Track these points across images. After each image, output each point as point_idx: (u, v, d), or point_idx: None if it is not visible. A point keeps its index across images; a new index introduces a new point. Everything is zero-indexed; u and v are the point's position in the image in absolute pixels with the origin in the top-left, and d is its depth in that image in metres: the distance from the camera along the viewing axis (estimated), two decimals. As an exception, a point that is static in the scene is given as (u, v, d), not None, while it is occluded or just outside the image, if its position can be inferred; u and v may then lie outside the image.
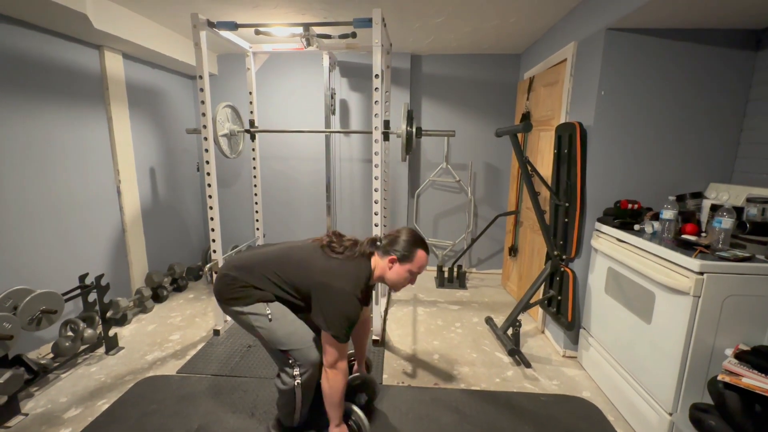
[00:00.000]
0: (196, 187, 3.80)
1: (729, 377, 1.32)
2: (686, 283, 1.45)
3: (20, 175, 2.13)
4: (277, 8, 2.46)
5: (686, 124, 2.03)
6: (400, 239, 1.52)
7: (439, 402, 1.91)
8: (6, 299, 1.85)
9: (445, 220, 3.80)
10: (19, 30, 2.10)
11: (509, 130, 2.08)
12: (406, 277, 1.51)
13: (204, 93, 2.27)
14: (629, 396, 1.79)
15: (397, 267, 1.50)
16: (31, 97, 2.18)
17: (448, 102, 3.59)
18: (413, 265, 1.50)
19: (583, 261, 2.23)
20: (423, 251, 1.52)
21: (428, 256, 1.55)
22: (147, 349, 2.37)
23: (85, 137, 2.53)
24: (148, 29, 2.69)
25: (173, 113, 3.42)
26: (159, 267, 3.24)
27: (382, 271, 1.51)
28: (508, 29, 2.78)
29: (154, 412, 1.80)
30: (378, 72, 2.10)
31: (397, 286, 1.53)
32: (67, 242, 2.42)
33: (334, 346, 1.39)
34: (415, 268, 1.51)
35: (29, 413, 1.79)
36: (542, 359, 2.32)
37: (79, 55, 2.46)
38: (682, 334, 1.49)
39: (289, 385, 1.47)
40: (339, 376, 1.42)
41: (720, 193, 1.92)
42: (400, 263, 1.50)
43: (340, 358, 1.41)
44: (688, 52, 1.96)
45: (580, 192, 2.16)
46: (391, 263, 1.50)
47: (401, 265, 1.50)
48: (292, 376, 1.46)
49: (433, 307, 3.05)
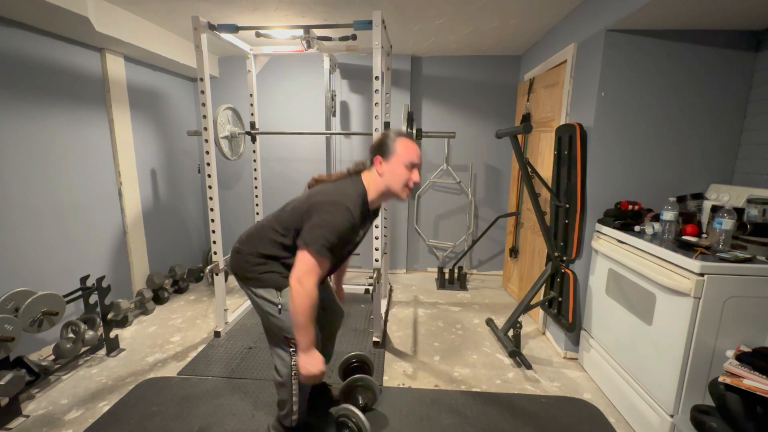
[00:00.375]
0: (197, 188, 3.81)
1: (730, 379, 1.31)
2: (687, 285, 1.45)
3: (22, 177, 2.14)
4: (278, 11, 2.47)
5: (687, 125, 2.03)
6: (377, 143, 1.39)
7: (440, 404, 1.91)
8: (8, 301, 1.86)
9: (445, 221, 3.80)
10: (22, 33, 2.11)
11: (509, 132, 2.08)
12: (402, 172, 1.33)
13: (205, 95, 2.28)
14: (630, 398, 1.79)
15: (387, 166, 1.34)
16: (33, 100, 2.19)
17: (449, 103, 3.60)
18: (401, 154, 1.33)
19: (583, 262, 2.23)
20: (404, 138, 1.36)
21: (410, 141, 1.37)
22: (148, 350, 2.37)
23: (87, 139, 2.54)
24: (149, 32, 2.70)
25: (174, 115, 3.43)
26: (160, 268, 3.24)
27: (377, 183, 1.36)
28: (508, 31, 2.78)
29: (155, 413, 1.80)
30: (378, 74, 2.10)
31: (397, 187, 1.34)
32: (69, 244, 2.43)
33: (305, 257, 1.23)
34: (405, 157, 1.33)
35: (30, 415, 1.79)
36: (543, 361, 2.32)
37: (81, 58, 2.48)
38: (683, 335, 1.48)
39: (284, 376, 1.47)
40: (302, 294, 1.22)
41: (721, 194, 1.91)
42: (386, 161, 1.34)
43: (308, 274, 1.23)
44: (688, 53, 1.96)
45: (581, 193, 2.15)
46: (379, 165, 1.36)
47: (389, 162, 1.34)
48: (289, 366, 1.45)
49: (434, 309, 3.05)
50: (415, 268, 3.96)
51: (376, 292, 2.33)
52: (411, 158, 1.33)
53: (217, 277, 2.48)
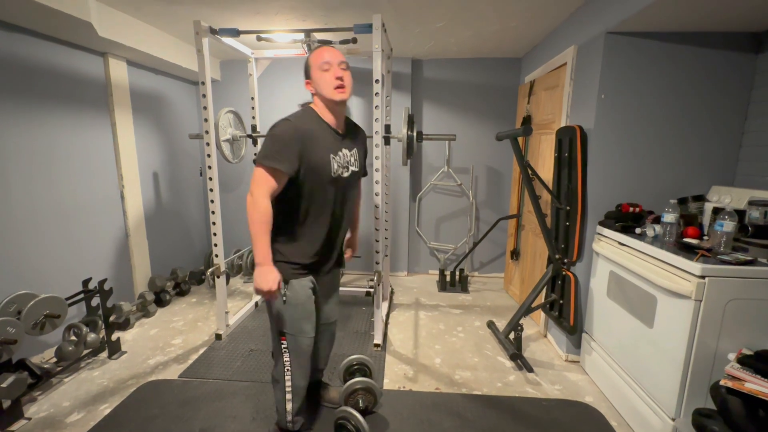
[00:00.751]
0: (198, 191, 3.82)
1: (732, 382, 1.30)
2: (688, 287, 1.45)
3: (25, 180, 2.16)
4: (279, 15, 2.49)
5: (687, 126, 2.03)
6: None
7: (441, 407, 1.90)
8: (10, 304, 1.87)
9: (446, 223, 3.80)
10: (25, 38, 2.13)
11: (510, 134, 2.08)
12: (321, 76, 1.38)
13: (206, 99, 2.29)
14: (632, 401, 1.78)
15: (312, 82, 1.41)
16: (37, 104, 2.21)
17: (449, 106, 3.60)
18: (314, 64, 1.39)
19: (584, 265, 2.22)
20: (315, 50, 1.42)
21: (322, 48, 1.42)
22: (149, 353, 2.38)
23: (90, 143, 2.56)
24: (151, 36, 2.72)
25: (176, 119, 3.45)
26: (162, 271, 3.25)
27: (316, 100, 1.43)
28: (508, 33, 2.79)
29: (156, 416, 1.81)
30: (378, 77, 2.11)
31: (326, 91, 1.38)
32: (71, 247, 2.44)
33: (254, 171, 1.31)
34: (316, 62, 1.38)
35: (32, 417, 1.80)
36: (544, 364, 2.31)
37: (83, 63, 2.50)
38: (684, 338, 1.48)
39: (278, 373, 1.49)
40: (251, 205, 1.28)
41: (722, 196, 1.91)
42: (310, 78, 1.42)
43: (257, 186, 1.29)
44: (688, 55, 1.96)
45: (581, 195, 2.15)
46: (308, 86, 1.44)
47: (312, 77, 1.41)
48: (282, 364, 1.47)
49: (435, 311, 3.04)
50: (416, 271, 3.95)
51: (377, 294, 2.33)
52: (322, 59, 1.37)
53: (218, 280, 2.49)
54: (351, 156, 1.47)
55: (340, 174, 1.42)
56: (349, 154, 1.46)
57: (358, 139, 1.57)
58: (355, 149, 1.51)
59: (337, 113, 1.44)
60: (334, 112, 1.43)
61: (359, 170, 1.53)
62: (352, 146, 1.49)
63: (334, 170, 1.40)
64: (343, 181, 1.45)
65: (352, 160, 1.48)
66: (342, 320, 2.81)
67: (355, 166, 1.49)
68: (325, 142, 1.39)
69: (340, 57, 1.40)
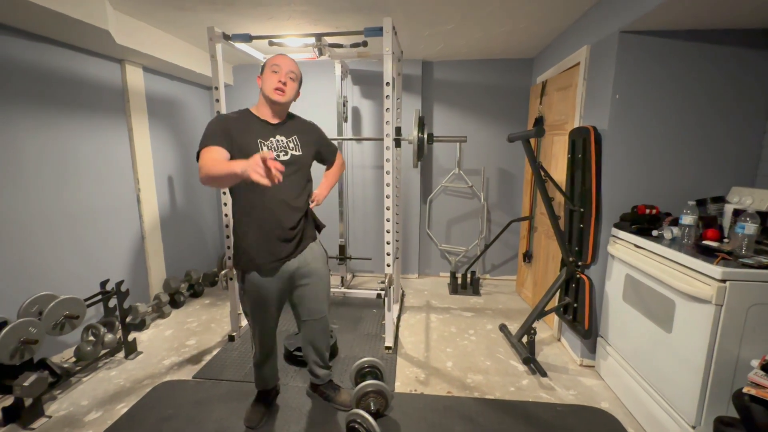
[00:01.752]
0: (211, 194, 3.88)
1: (755, 390, 1.26)
2: (708, 291, 1.41)
3: (45, 184, 2.22)
4: (290, 20, 2.52)
5: (705, 126, 1.98)
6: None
7: (452, 410, 1.89)
8: (32, 305, 1.93)
9: (457, 225, 3.78)
10: (46, 47, 2.20)
11: (522, 136, 2.06)
12: (268, 77, 1.55)
13: (220, 103, 2.33)
14: (650, 407, 1.74)
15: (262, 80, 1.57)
16: (56, 110, 2.28)
17: (460, 108, 3.59)
18: (267, 66, 1.57)
19: (599, 267, 2.18)
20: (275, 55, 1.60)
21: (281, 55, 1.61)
22: (164, 353, 2.42)
23: (107, 148, 2.62)
24: (166, 43, 2.79)
25: (190, 123, 3.51)
26: (176, 273, 3.31)
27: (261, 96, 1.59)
28: (519, 34, 2.77)
29: (171, 416, 1.84)
30: (389, 79, 2.12)
31: (267, 89, 1.54)
32: (89, 249, 2.50)
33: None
34: (269, 65, 1.56)
35: (52, 415, 1.85)
36: (558, 368, 2.27)
37: (101, 69, 2.57)
38: (704, 343, 1.44)
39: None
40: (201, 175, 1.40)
41: (743, 198, 1.85)
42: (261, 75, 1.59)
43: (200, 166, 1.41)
44: (705, 53, 1.91)
45: (596, 197, 2.12)
46: (258, 81, 1.60)
47: (263, 76, 1.57)
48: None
49: (446, 314, 3.02)
50: (427, 273, 3.94)
51: (388, 296, 2.33)
52: (273, 63, 1.55)
53: (231, 282, 2.52)
54: (289, 141, 1.61)
55: (276, 156, 1.55)
56: (285, 140, 1.60)
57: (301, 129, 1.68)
58: (295, 136, 1.63)
59: (273, 109, 1.60)
60: (271, 108, 1.59)
61: (302, 154, 1.63)
62: (290, 134, 1.62)
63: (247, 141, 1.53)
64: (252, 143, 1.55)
65: (291, 145, 1.61)
66: (353, 323, 2.82)
67: (296, 150, 1.62)
68: (253, 130, 1.56)
69: (292, 67, 1.58)
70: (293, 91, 1.59)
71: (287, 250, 1.60)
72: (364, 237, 3.83)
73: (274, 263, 1.58)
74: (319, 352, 1.85)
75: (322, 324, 1.79)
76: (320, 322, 1.78)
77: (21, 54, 2.08)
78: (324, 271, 1.74)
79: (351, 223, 3.81)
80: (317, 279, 1.71)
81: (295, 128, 1.66)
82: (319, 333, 1.80)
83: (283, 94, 1.55)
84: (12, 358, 1.71)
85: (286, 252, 1.60)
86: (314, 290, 1.71)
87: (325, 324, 1.80)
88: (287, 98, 1.57)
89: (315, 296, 1.72)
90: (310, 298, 1.71)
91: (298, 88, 1.62)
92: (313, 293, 1.71)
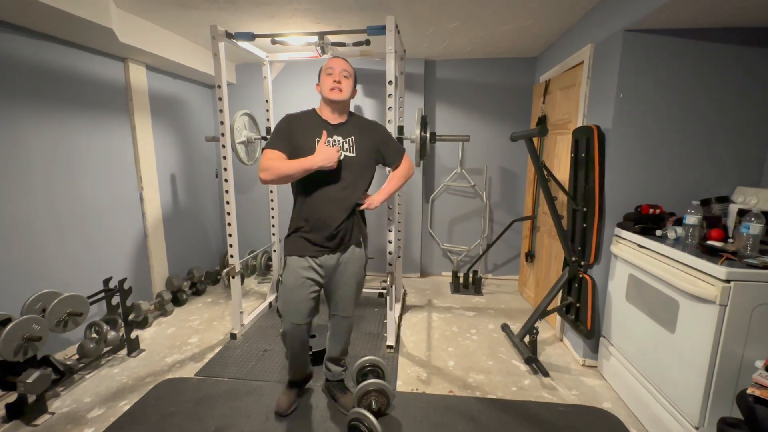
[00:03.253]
0: (214, 193, 3.89)
1: (759, 391, 1.25)
2: (712, 292, 1.40)
3: (48, 182, 2.23)
4: (293, 18, 2.51)
5: (710, 125, 1.96)
6: None
7: (454, 410, 1.89)
8: (35, 302, 1.94)
9: (460, 225, 3.77)
10: (50, 45, 2.21)
11: (524, 135, 2.05)
12: (324, 79, 1.65)
13: (222, 102, 2.33)
14: (653, 408, 1.73)
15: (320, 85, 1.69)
16: (60, 109, 2.28)
17: (463, 107, 3.58)
18: (322, 71, 1.68)
19: (602, 267, 2.17)
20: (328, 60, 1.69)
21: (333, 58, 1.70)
22: (167, 351, 2.43)
23: (110, 146, 2.63)
24: (169, 41, 2.79)
25: (193, 121, 3.52)
26: (179, 271, 3.32)
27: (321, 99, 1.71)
28: (522, 33, 2.76)
29: (173, 414, 1.84)
30: (391, 78, 2.11)
31: (325, 91, 1.65)
32: (92, 247, 2.51)
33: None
34: (324, 70, 1.66)
35: (56, 412, 1.85)
36: (561, 368, 2.26)
37: (105, 68, 2.57)
38: (708, 344, 1.43)
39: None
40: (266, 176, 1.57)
41: (748, 197, 1.84)
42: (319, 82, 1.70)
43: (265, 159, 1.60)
44: (710, 51, 1.90)
45: (599, 196, 2.11)
46: (317, 88, 1.71)
47: (320, 81, 1.69)
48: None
49: (448, 313, 3.02)
50: (429, 272, 3.93)
51: (390, 295, 2.33)
52: (327, 67, 1.65)
53: (233, 280, 2.52)
54: (345, 142, 1.66)
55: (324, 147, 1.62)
56: (342, 141, 1.66)
57: (361, 130, 1.73)
58: (352, 137, 1.68)
59: (333, 108, 1.68)
60: (331, 107, 1.68)
61: (356, 155, 1.67)
62: (348, 135, 1.68)
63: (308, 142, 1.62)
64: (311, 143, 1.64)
65: (345, 146, 1.66)
66: (355, 321, 2.81)
67: (350, 151, 1.66)
68: (314, 130, 1.64)
69: (344, 66, 1.66)
70: (349, 88, 1.66)
71: (330, 246, 1.68)
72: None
73: (313, 255, 1.67)
74: (336, 347, 1.88)
75: (346, 323, 1.84)
76: (345, 320, 1.83)
77: (25, 52, 2.08)
78: (359, 275, 1.79)
79: (353, 222, 3.81)
80: (350, 280, 1.76)
81: (355, 129, 1.70)
82: (341, 330, 1.84)
83: (341, 92, 1.63)
84: (15, 355, 1.72)
85: (326, 249, 1.68)
86: (345, 290, 1.76)
87: (348, 324, 1.85)
88: (345, 96, 1.64)
89: (344, 295, 1.77)
90: (339, 295, 1.77)
91: (354, 85, 1.68)
92: (343, 292, 1.76)
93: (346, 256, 1.72)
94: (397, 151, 1.81)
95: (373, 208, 1.77)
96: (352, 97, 1.69)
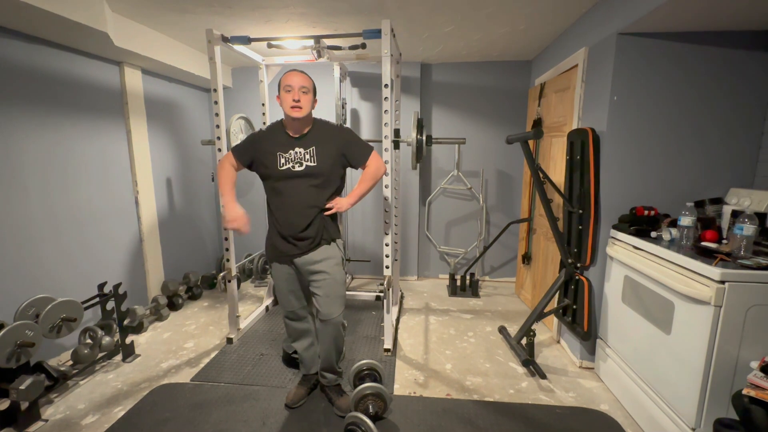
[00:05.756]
0: (210, 197, 3.88)
1: (755, 391, 1.26)
2: (707, 293, 1.41)
3: (43, 186, 2.22)
4: (289, 22, 2.52)
5: (704, 127, 1.98)
6: None
7: (452, 413, 1.88)
8: (29, 307, 1.92)
9: (456, 227, 3.78)
10: (45, 49, 2.20)
11: (520, 137, 2.06)
12: (284, 96, 1.69)
13: (218, 105, 2.33)
14: (649, 409, 1.73)
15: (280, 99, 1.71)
16: (55, 112, 2.27)
17: (459, 110, 3.59)
18: (281, 86, 1.70)
19: (598, 269, 2.18)
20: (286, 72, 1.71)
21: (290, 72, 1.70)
22: (162, 356, 2.41)
23: (105, 150, 2.62)
24: (165, 45, 2.79)
25: (189, 125, 3.51)
26: (174, 275, 3.30)
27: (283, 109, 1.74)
28: (518, 36, 2.78)
29: (168, 419, 1.83)
30: (387, 81, 2.12)
31: (285, 108, 1.69)
32: (87, 251, 2.49)
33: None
34: (282, 85, 1.69)
35: (49, 419, 1.83)
36: (558, 370, 2.26)
37: (100, 72, 2.56)
38: (703, 345, 1.43)
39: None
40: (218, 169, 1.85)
41: (741, 199, 1.85)
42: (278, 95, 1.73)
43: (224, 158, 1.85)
44: (702, 54, 1.92)
45: (594, 199, 2.12)
46: (278, 100, 1.73)
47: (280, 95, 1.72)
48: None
49: (446, 316, 3.02)
50: (426, 275, 3.93)
51: (387, 298, 2.32)
52: (285, 83, 1.68)
53: (229, 284, 2.51)
54: (306, 153, 1.72)
55: (290, 167, 1.70)
56: (303, 152, 1.72)
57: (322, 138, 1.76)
58: (313, 147, 1.73)
59: (294, 124, 1.73)
60: (292, 124, 1.74)
61: (317, 164, 1.72)
62: (309, 146, 1.73)
63: (281, 164, 1.70)
64: (293, 173, 1.70)
65: (307, 157, 1.71)
66: (351, 325, 2.81)
67: (311, 161, 1.71)
68: (277, 143, 1.73)
69: (302, 82, 1.69)
70: (309, 103, 1.70)
71: (298, 248, 1.75)
72: (363, 239, 3.83)
73: (287, 257, 1.77)
74: (324, 355, 1.85)
75: (331, 328, 1.78)
76: (329, 325, 1.77)
77: (20, 56, 2.07)
78: (334, 272, 1.77)
79: (350, 226, 3.81)
80: (326, 278, 1.75)
81: (316, 139, 1.74)
82: (327, 337, 1.80)
83: (301, 110, 1.68)
84: (8, 361, 1.70)
85: (297, 250, 1.75)
86: (324, 289, 1.76)
87: (333, 328, 1.78)
88: (304, 113, 1.69)
89: (324, 294, 1.76)
90: (319, 295, 1.76)
91: (313, 98, 1.73)
92: (322, 292, 1.76)
93: (318, 255, 1.75)
94: (361, 153, 1.81)
95: (343, 211, 1.83)
96: (312, 109, 1.73)
